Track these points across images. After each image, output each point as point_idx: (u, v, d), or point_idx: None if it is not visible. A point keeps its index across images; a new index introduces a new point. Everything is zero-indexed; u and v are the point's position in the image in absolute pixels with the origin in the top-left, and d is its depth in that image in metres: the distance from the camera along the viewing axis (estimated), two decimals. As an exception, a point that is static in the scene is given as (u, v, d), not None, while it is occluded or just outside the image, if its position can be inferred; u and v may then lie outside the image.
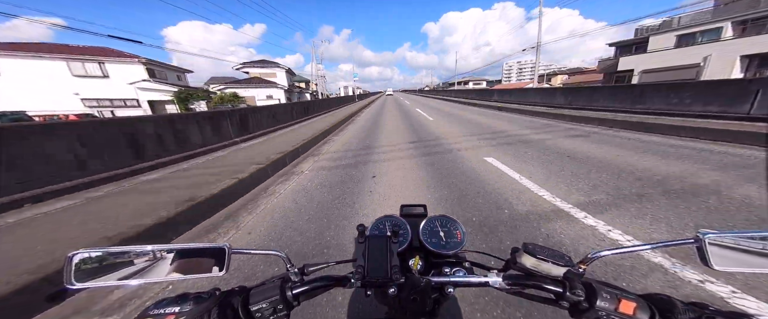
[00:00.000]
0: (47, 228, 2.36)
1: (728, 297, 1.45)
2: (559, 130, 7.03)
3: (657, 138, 5.41)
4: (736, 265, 0.39)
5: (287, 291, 0.47)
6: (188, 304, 0.41)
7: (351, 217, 2.63)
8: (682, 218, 2.26)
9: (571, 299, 0.42)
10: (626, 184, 3.07)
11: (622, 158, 4.08)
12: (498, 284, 0.48)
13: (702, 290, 1.50)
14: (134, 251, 0.45)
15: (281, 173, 4.39)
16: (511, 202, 2.76)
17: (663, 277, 1.61)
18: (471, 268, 0.57)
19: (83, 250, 0.42)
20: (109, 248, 0.44)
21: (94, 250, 0.43)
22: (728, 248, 0.39)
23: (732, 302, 1.42)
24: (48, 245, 2.03)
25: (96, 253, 0.43)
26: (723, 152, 4.10)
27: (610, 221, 2.27)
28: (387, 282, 0.48)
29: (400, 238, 0.62)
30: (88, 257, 0.42)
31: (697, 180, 3.06)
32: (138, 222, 2.34)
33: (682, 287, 1.53)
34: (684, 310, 0.37)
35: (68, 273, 0.41)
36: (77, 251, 0.42)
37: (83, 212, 2.68)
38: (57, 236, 2.19)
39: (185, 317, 0.39)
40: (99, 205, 2.87)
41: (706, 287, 1.51)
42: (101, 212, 2.64)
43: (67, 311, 1.62)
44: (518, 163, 4.13)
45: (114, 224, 2.34)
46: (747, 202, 2.46)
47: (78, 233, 2.22)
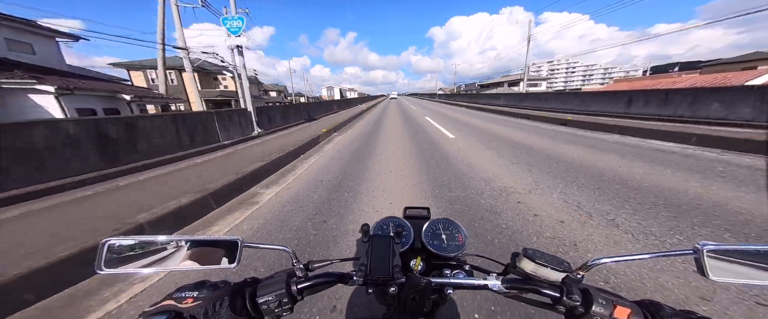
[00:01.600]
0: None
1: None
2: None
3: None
4: (732, 276, 0.40)
5: (292, 286, 0.50)
6: (204, 291, 0.45)
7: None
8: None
9: (567, 304, 0.43)
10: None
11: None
12: (497, 287, 0.49)
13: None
14: (157, 241, 0.48)
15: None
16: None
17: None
18: (471, 271, 0.58)
19: (114, 238, 0.46)
20: (138, 237, 0.48)
21: (124, 238, 0.47)
22: (726, 260, 0.40)
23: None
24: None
25: (126, 241, 0.47)
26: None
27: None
28: (388, 281, 0.50)
29: (403, 239, 0.63)
30: (117, 244, 0.47)
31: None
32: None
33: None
34: (673, 315, 0.39)
35: (99, 260, 0.45)
36: (108, 238, 0.46)
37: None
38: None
39: (201, 301, 0.43)
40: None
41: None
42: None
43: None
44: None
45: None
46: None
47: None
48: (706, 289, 1.57)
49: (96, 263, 0.45)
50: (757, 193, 2.89)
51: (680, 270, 1.73)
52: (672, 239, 2.11)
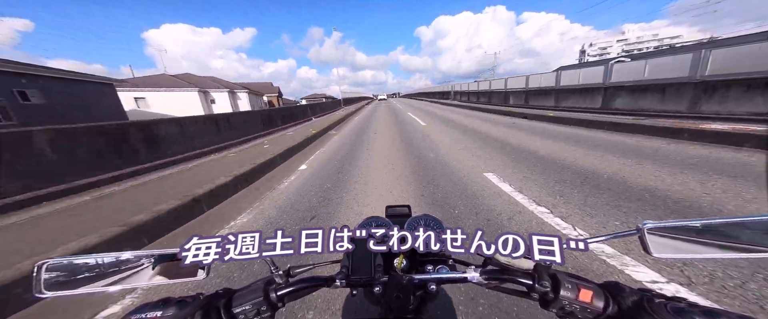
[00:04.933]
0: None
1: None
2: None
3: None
4: (673, 252, 0.42)
5: (271, 293, 0.47)
6: (171, 308, 0.40)
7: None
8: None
9: (539, 290, 0.44)
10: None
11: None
12: (476, 279, 0.49)
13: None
14: (116, 259, 0.43)
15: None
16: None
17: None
18: (454, 265, 0.58)
19: (52, 258, 0.41)
20: (80, 257, 0.42)
21: (66, 258, 0.41)
22: (667, 236, 0.42)
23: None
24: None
25: (68, 260, 0.41)
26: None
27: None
28: (371, 281, 0.49)
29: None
30: (58, 264, 0.41)
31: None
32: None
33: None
34: (630, 294, 0.40)
35: (37, 283, 0.39)
36: (45, 260, 0.40)
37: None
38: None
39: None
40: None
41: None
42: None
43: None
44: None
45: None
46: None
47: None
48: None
49: (33, 287, 0.39)
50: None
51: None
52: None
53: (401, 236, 0.45)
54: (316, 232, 0.46)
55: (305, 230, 0.46)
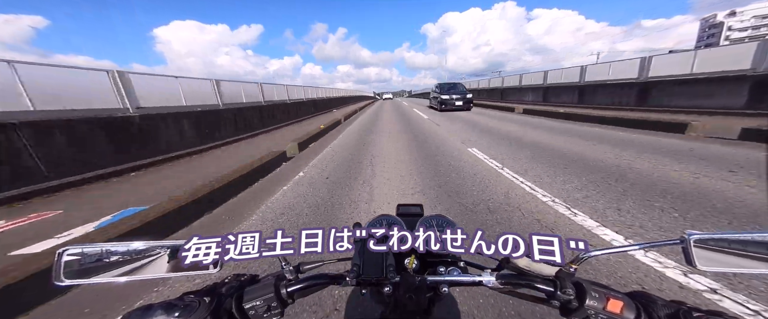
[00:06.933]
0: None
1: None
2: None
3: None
4: (718, 265, 0.40)
5: (282, 289, 0.47)
6: (178, 307, 0.40)
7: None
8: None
9: (561, 298, 0.43)
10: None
11: None
12: (491, 283, 0.48)
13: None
14: (130, 248, 0.44)
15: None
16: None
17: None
18: (466, 267, 0.57)
19: (73, 246, 0.42)
20: (95, 246, 0.43)
21: (88, 246, 0.42)
22: (712, 249, 0.40)
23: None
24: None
25: (90, 249, 0.42)
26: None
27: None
28: (382, 281, 0.48)
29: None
30: (80, 252, 0.41)
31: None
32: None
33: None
34: (663, 306, 0.39)
35: (57, 270, 0.40)
36: (67, 247, 0.41)
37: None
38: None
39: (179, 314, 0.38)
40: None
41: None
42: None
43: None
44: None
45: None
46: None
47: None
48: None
49: (53, 275, 0.40)
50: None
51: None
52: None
53: (401, 236, 0.45)
54: (316, 232, 0.46)
55: (305, 230, 0.46)
